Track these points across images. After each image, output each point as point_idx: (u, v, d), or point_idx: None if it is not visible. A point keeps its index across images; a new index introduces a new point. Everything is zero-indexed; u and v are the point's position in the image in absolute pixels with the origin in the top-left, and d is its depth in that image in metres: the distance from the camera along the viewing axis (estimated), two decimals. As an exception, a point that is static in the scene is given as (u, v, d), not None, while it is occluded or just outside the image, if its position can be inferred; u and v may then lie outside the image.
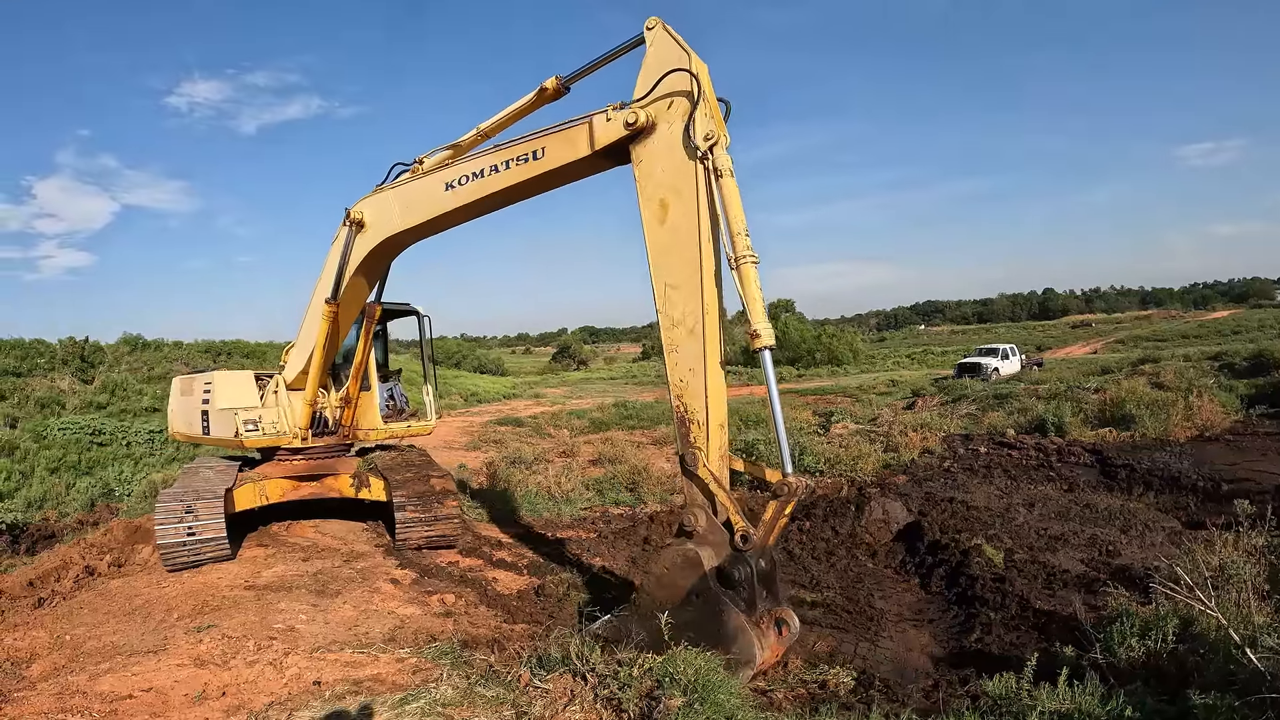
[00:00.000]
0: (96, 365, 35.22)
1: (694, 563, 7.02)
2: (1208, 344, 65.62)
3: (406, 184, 10.02)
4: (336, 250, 10.80)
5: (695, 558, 7.02)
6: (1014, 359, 48.91)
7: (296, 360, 12.04)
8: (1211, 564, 7.36)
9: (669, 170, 7.47)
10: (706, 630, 6.76)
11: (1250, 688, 5.22)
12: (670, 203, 7.46)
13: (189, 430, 13.14)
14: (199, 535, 10.49)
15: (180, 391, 13.64)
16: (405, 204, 9.98)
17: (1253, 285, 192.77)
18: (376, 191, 10.41)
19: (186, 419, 13.19)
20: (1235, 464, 16.46)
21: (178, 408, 13.72)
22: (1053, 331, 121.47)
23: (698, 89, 7.24)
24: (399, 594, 9.77)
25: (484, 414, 38.89)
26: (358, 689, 6.81)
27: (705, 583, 6.96)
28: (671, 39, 7.49)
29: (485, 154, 8.99)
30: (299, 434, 11.96)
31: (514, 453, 21.30)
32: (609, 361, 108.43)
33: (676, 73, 7.35)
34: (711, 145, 7.19)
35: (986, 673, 6.77)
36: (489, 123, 9.72)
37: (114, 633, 8.43)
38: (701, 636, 6.60)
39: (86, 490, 20.61)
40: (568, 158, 8.20)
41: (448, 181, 9.30)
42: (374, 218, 10.39)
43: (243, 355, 41.60)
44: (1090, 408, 23.42)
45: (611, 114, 7.68)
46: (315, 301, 11.41)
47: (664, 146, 7.51)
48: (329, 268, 11.00)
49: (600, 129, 7.77)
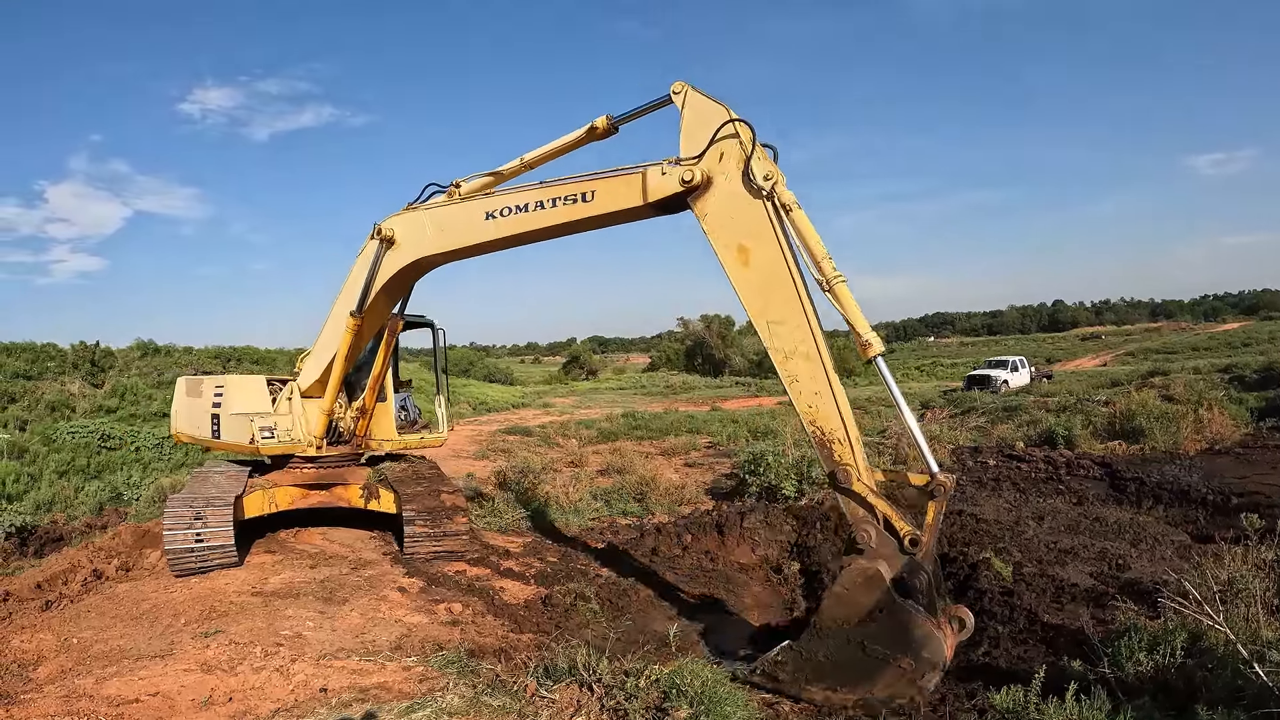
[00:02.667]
0: (107, 369, 35.41)
1: (875, 579, 7.04)
2: (1218, 356, 65.56)
3: (444, 207, 10.07)
4: (363, 264, 10.79)
5: (876, 574, 7.04)
6: (1023, 371, 48.83)
7: (312, 368, 12.01)
8: (1220, 578, 7.36)
9: (739, 218, 7.75)
10: (893, 641, 6.90)
11: (1258, 703, 5.22)
12: (750, 246, 7.72)
13: (195, 432, 13.01)
14: (207, 542, 10.47)
15: (186, 392, 13.45)
16: (441, 227, 10.01)
17: (1263, 297, 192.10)
18: (409, 210, 10.41)
19: (193, 421, 13.02)
20: (1245, 477, 16.41)
21: (183, 409, 13.52)
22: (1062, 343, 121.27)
23: (750, 136, 7.62)
24: (406, 602, 9.77)
25: (492, 423, 38.86)
26: (364, 697, 6.81)
27: (889, 596, 6.98)
28: (704, 97, 7.92)
29: (531, 188, 9.12)
30: (314, 442, 11.95)
31: (522, 462, 21.28)
32: (618, 372, 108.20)
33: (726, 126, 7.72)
34: (773, 185, 7.52)
35: (994, 686, 6.75)
36: (533, 154, 9.90)
37: (121, 637, 8.44)
38: (888, 647, 6.87)
39: (95, 494, 20.65)
40: (618, 205, 8.48)
41: (489, 210, 9.40)
42: (406, 236, 10.37)
43: (253, 361, 41.75)
44: (1100, 420, 23.37)
45: (667, 169, 7.98)
46: (336, 312, 11.39)
47: (727, 197, 7.81)
48: (353, 280, 10.97)
49: (654, 182, 8.06)
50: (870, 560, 7.13)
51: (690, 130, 7.97)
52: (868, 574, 7.07)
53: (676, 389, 66.71)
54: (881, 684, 6.93)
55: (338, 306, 11.39)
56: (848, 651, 7.03)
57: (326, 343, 11.67)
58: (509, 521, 15.06)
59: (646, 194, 8.16)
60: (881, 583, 7.00)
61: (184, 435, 13.51)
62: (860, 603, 7.08)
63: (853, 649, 7.02)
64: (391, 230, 10.41)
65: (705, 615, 10.51)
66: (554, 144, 9.76)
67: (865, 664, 6.98)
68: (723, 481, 19.82)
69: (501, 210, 9.28)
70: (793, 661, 7.32)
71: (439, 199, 10.30)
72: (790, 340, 7.61)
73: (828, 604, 7.32)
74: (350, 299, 10.90)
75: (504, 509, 15.57)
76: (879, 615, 7.00)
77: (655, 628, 9.78)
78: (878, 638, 6.95)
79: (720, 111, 7.80)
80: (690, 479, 20.54)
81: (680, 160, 7.95)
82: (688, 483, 19.71)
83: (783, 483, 16.61)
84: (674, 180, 7.91)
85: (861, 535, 7.25)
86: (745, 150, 7.63)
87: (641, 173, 8.19)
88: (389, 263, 10.52)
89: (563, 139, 9.66)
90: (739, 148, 7.69)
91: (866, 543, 7.21)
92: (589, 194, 8.61)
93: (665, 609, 10.74)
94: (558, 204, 8.82)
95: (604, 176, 8.50)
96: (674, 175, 7.91)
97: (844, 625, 7.12)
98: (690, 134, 7.96)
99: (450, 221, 9.93)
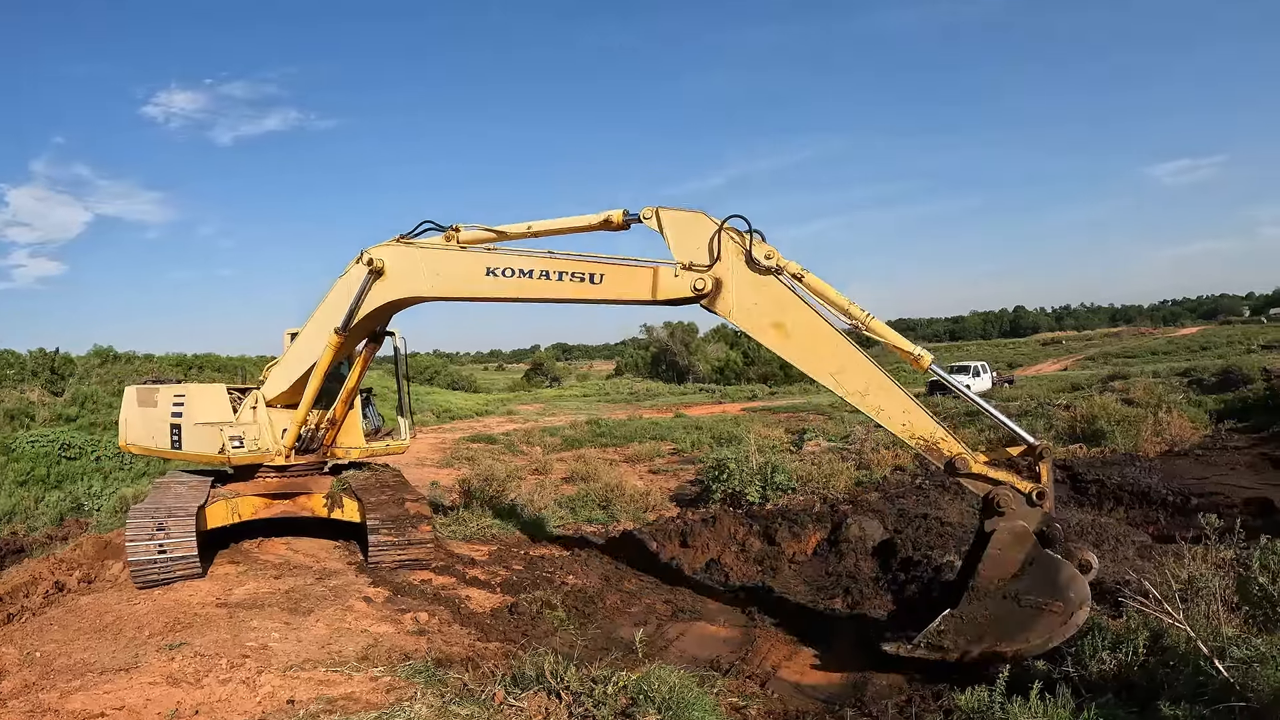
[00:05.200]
0: (67, 377, 34.85)
1: (1023, 535, 7.69)
2: (1177, 360, 66.51)
3: (442, 251, 10.16)
4: (345, 286, 10.81)
5: (1024, 531, 7.70)
6: (985, 376, 49.14)
7: (280, 379, 11.92)
8: (1181, 577, 7.47)
9: (761, 304, 8.39)
10: (1044, 589, 7.52)
11: (1219, 698, 5.30)
12: (783, 321, 8.32)
13: (150, 443, 12.67)
14: (170, 553, 10.36)
15: (138, 402, 12.93)
16: (438, 272, 10.12)
17: (1221, 302, 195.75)
18: (401, 243, 10.50)
19: (148, 431, 12.65)
20: (1204, 478, 16.70)
21: (135, 419, 12.97)
22: (1024, 349, 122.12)
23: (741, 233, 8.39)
24: (372, 612, 9.72)
25: (457, 431, 38.78)
26: (331, 708, 6.77)
27: (1036, 548, 7.63)
28: (676, 211, 8.68)
29: (539, 256, 9.39)
30: (284, 451, 11.87)
31: (487, 470, 21.24)
32: (582, 379, 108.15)
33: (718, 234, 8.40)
34: (775, 260, 8.25)
35: (959, 687, 6.82)
36: (542, 225, 10.07)
37: (85, 650, 8.33)
38: (1040, 595, 7.50)
39: (56, 504, 20.40)
40: (626, 295, 9.06)
41: (491, 267, 9.59)
42: (397, 271, 10.44)
43: (215, 369, 41.26)
44: (1061, 424, 23.71)
45: (680, 272, 8.53)
46: (312, 327, 11.37)
47: (740, 291, 8.44)
48: (336, 300, 10.97)
49: (666, 283, 8.63)
50: (1012, 520, 7.76)
51: (678, 241, 8.61)
52: (1016, 532, 7.72)
53: (640, 396, 66.91)
54: (1037, 631, 7.49)
55: (314, 322, 11.37)
56: (1004, 606, 7.63)
57: (300, 355, 11.61)
58: (474, 530, 15.03)
59: (657, 292, 8.70)
60: (1029, 538, 7.68)
61: (136, 446, 13.04)
62: (1014, 558, 7.70)
63: (1009, 604, 7.62)
64: (382, 262, 10.43)
65: (672, 621, 10.53)
66: (565, 222, 9.98)
67: (1021, 615, 7.55)
68: (687, 488, 19.92)
69: (505, 270, 9.48)
70: (954, 628, 7.83)
71: (435, 239, 10.39)
72: (858, 381, 8.19)
73: (985, 566, 7.82)
74: (331, 316, 10.90)
75: (469, 517, 15.55)
76: (1029, 568, 7.64)
77: (622, 634, 9.80)
78: (1031, 589, 7.56)
79: (700, 219, 8.51)
80: (655, 485, 20.62)
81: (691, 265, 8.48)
82: (652, 489, 19.79)
83: (747, 488, 16.73)
84: (686, 285, 8.47)
85: (1002, 499, 7.79)
86: (742, 244, 8.30)
87: (653, 270, 8.71)
88: (377, 294, 10.56)
89: (575, 220, 9.86)
90: (734, 244, 8.36)
91: (1007, 505, 7.77)
92: (598, 276, 9.03)
93: (632, 615, 10.75)
94: (564, 278, 9.15)
95: (615, 263, 9.00)
96: (686, 280, 8.46)
97: (1000, 583, 7.71)
98: (679, 243, 8.60)
99: (449, 268, 10.04)
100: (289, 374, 11.80)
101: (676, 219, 8.64)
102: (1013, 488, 7.82)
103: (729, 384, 77.05)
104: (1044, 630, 7.45)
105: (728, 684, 7.83)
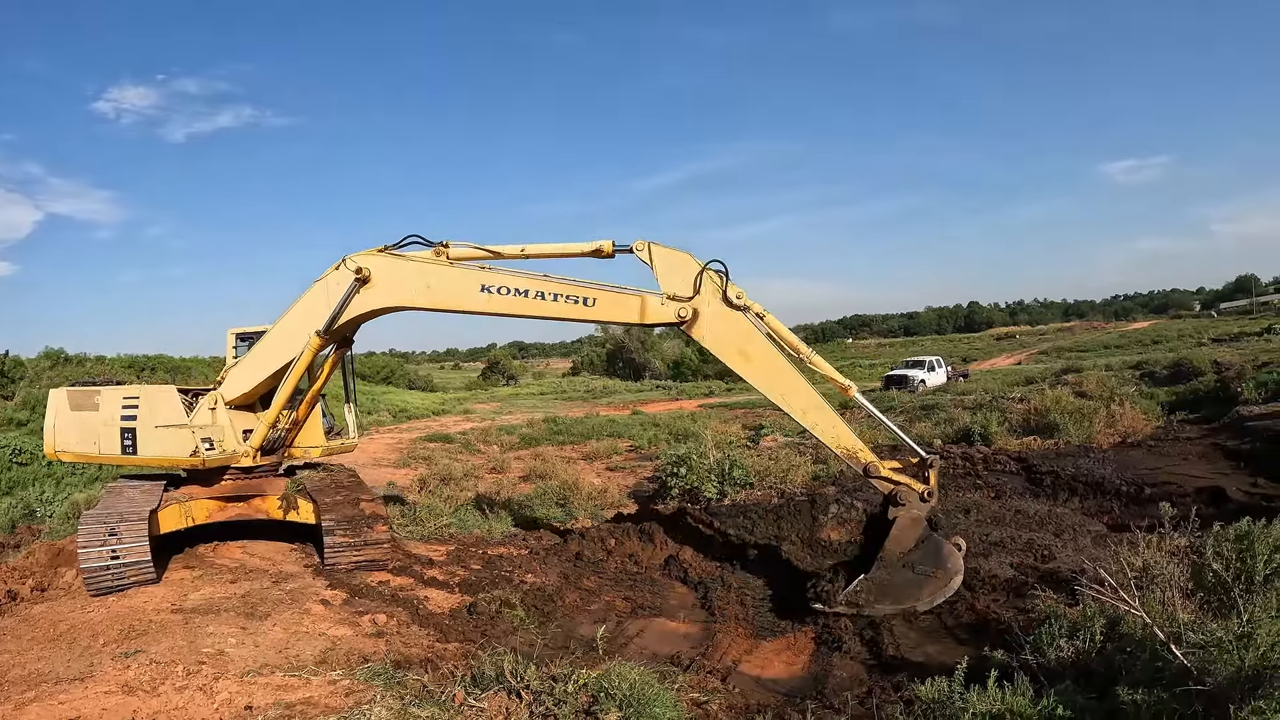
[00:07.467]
0: (16, 381, 34.19)
1: (919, 520, 9.93)
2: (1129, 354, 67.51)
3: (435, 266, 10.62)
4: (324, 290, 10.87)
5: (920, 517, 9.92)
6: (940, 371, 49.56)
7: (243, 379, 11.72)
8: (1136, 565, 7.55)
9: (730, 333, 10.05)
10: (931, 560, 9.82)
11: (1177, 682, 5.36)
12: (747, 350, 10.04)
13: (91, 449, 11.77)
14: (123, 559, 10.20)
15: (71, 406, 11.93)
16: (429, 286, 10.57)
17: (1172, 297, 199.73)
18: (387, 254, 10.80)
19: (88, 436, 11.74)
20: (1157, 468, 16.95)
21: (69, 424, 11.90)
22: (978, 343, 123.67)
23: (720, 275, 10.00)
24: (330, 615, 9.64)
25: (413, 430, 38.55)
26: (290, 713, 6.71)
27: (927, 531, 10.02)
28: (667, 249, 10.13)
29: (534, 277, 10.40)
30: (250, 453, 11.72)
31: (444, 469, 21.13)
32: (538, 377, 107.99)
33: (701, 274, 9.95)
34: (743, 300, 9.93)
35: (919, 678, 6.85)
36: (536, 249, 10.79)
37: (38, 660, 8.19)
38: (928, 565, 9.77)
39: (7, 511, 19.93)
40: (615, 318, 10.87)
41: (486, 284, 10.36)
42: (384, 280, 10.72)
43: (168, 370, 40.68)
44: (1015, 417, 23.93)
45: (666, 301, 10.05)
46: (283, 327, 11.31)
47: (714, 321, 10.05)
48: (311, 303, 11.00)
49: (653, 309, 10.11)
50: (909, 510, 9.84)
51: (665, 274, 10.08)
52: (913, 518, 9.88)
53: (597, 393, 66.96)
54: (925, 592, 9.68)
55: (284, 322, 11.31)
56: (902, 574, 9.79)
57: (266, 355, 11.52)
58: (431, 530, 14.93)
59: (644, 316, 10.21)
60: (921, 523, 9.95)
61: (71, 454, 11.99)
62: (911, 537, 9.90)
63: (905, 571, 9.80)
64: (368, 271, 10.60)
65: (632, 618, 10.53)
66: (558, 248, 10.78)
67: (914, 580, 9.75)
68: (645, 484, 19.94)
69: (500, 288, 10.29)
70: (866, 588, 9.79)
71: (423, 254, 10.76)
72: (801, 401, 10.06)
73: (890, 543, 9.87)
74: (306, 319, 10.95)
75: (426, 517, 15.41)
76: (921, 544, 9.91)
77: (582, 632, 9.81)
78: (922, 560, 9.83)
79: (688, 260, 10.03)
80: (613, 483, 20.64)
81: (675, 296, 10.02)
82: (610, 486, 19.81)
83: (704, 484, 16.77)
84: (670, 313, 10.03)
85: (902, 494, 9.82)
86: (719, 284, 9.94)
87: (642, 298, 10.15)
88: (362, 301, 10.76)
89: (568, 247, 10.71)
90: (713, 283, 9.95)
91: (906, 499, 9.82)
92: (591, 300, 10.25)
93: (592, 613, 10.75)
94: (559, 300, 10.25)
95: (606, 289, 10.27)
96: (671, 309, 10.02)
97: (901, 555, 9.85)
98: (666, 277, 10.08)
99: (441, 283, 10.53)
100: (254, 375, 11.66)
101: (667, 256, 10.10)
102: (909, 487, 9.82)
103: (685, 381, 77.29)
104: (931, 591, 9.66)
105: (689, 679, 7.81)
